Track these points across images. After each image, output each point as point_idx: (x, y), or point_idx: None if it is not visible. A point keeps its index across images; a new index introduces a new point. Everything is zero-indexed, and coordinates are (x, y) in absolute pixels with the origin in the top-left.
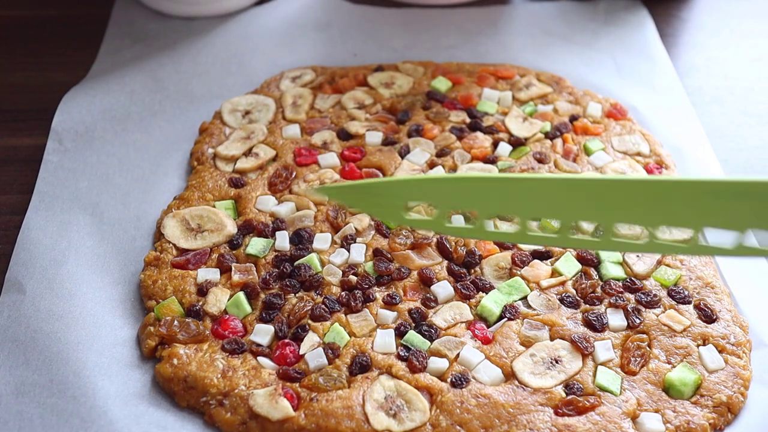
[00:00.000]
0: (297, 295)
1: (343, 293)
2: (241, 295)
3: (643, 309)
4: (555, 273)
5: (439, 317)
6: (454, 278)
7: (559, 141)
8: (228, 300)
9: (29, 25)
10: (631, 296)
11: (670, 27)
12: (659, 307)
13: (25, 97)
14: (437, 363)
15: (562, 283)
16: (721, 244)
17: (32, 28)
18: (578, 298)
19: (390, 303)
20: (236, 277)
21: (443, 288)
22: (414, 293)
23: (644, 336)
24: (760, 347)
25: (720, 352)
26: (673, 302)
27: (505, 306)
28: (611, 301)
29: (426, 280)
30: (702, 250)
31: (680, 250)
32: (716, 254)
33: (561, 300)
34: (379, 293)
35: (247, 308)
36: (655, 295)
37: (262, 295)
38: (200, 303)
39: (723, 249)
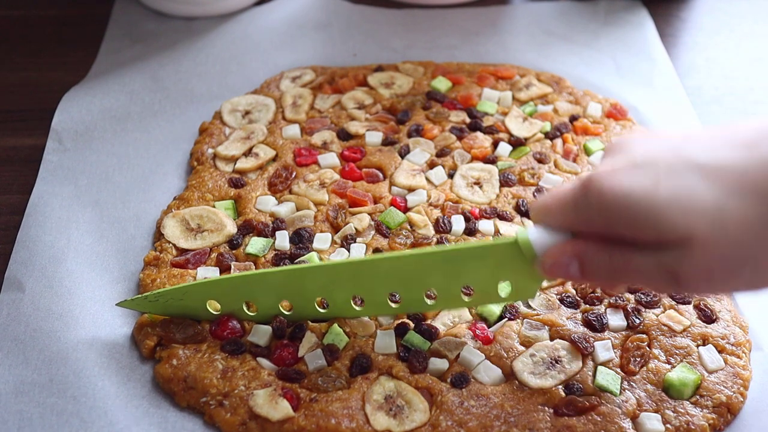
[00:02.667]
0: None
1: None
2: None
3: (643, 309)
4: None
5: (438, 321)
6: None
7: (559, 141)
8: None
9: (29, 25)
10: (631, 296)
11: (670, 27)
12: (659, 307)
13: (25, 97)
14: (437, 364)
15: (562, 283)
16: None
17: (32, 28)
18: (578, 298)
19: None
20: None
21: None
22: None
23: (644, 336)
24: (760, 347)
25: (720, 352)
26: (673, 302)
27: (505, 306)
28: (611, 301)
29: None
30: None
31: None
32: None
33: (561, 300)
34: None
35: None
36: (654, 295)
37: None
38: None
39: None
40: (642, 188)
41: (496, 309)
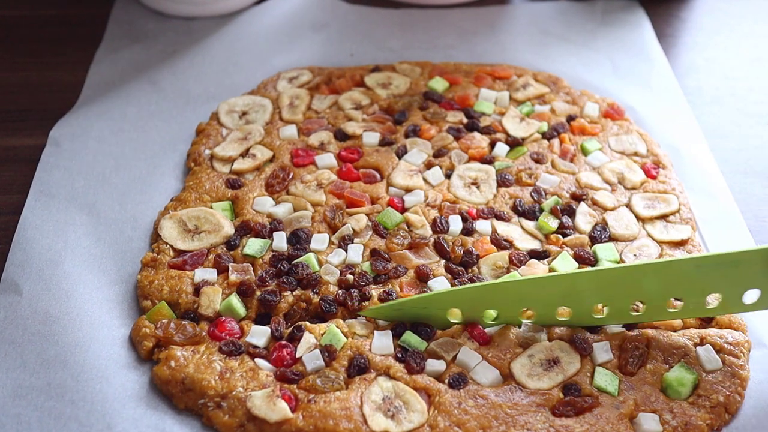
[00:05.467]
0: (294, 293)
1: (339, 292)
2: (233, 298)
3: None
4: (552, 272)
5: None
6: (452, 276)
7: (556, 141)
8: (221, 301)
9: (29, 25)
10: None
11: (670, 27)
12: None
13: (25, 97)
14: (435, 365)
15: None
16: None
17: (32, 28)
18: None
19: (386, 300)
20: (233, 276)
21: (440, 284)
22: (410, 289)
23: (642, 336)
24: (758, 347)
25: (718, 352)
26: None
27: None
28: None
29: (423, 276)
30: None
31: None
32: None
33: None
34: (375, 290)
35: (241, 311)
36: None
37: (258, 293)
38: (195, 305)
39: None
40: None
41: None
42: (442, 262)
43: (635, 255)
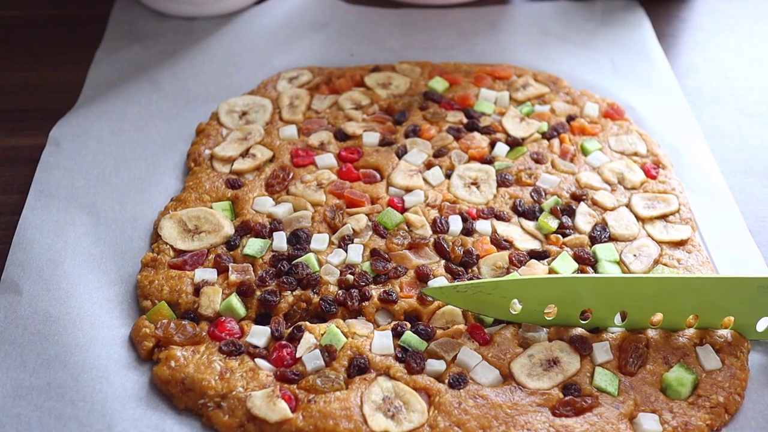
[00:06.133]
0: (294, 293)
1: (339, 292)
2: (233, 298)
3: None
4: (552, 272)
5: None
6: (452, 276)
7: (556, 141)
8: (221, 302)
9: (29, 25)
10: None
11: (670, 27)
12: None
13: (25, 97)
14: (435, 365)
15: None
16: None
17: (32, 28)
18: None
19: (386, 300)
20: (233, 277)
21: (440, 283)
22: (410, 289)
23: (642, 336)
24: (758, 347)
25: (718, 352)
26: None
27: None
28: None
29: (423, 276)
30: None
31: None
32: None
33: None
34: (375, 291)
35: (241, 311)
36: None
37: (258, 293)
38: (195, 305)
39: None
40: None
41: None
42: (442, 262)
43: (635, 255)
